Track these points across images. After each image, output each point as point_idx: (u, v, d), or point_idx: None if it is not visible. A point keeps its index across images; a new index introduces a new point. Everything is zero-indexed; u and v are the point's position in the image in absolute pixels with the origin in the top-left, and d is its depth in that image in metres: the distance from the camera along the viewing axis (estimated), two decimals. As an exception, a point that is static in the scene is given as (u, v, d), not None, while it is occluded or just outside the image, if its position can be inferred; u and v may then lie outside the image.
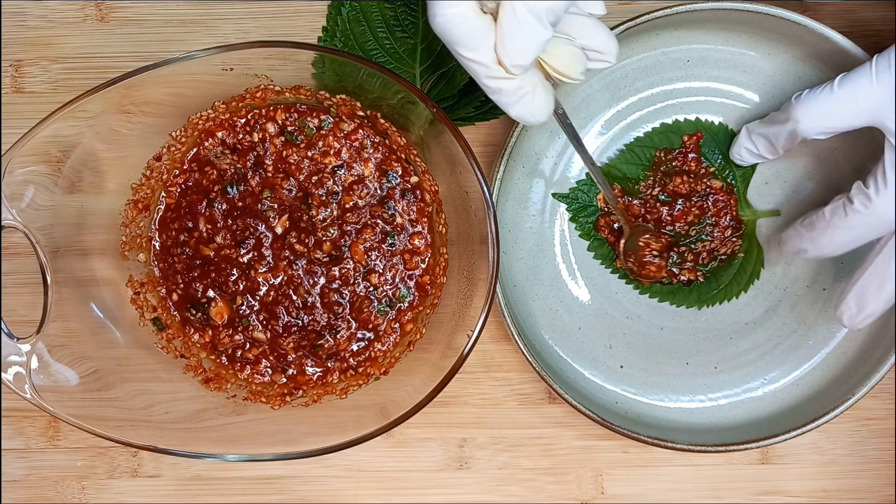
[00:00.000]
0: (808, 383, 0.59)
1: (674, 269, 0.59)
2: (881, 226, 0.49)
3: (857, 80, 0.48)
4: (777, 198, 0.59)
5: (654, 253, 0.58)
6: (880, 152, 0.49)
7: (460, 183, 0.52)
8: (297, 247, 0.56)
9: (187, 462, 0.60)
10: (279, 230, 0.56)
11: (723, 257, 0.59)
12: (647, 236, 0.58)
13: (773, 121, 0.54)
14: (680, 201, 0.59)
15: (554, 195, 0.59)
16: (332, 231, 0.56)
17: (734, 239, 0.59)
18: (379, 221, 0.56)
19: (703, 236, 0.59)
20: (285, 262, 0.56)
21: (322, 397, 0.56)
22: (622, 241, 0.59)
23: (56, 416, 0.49)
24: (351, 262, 0.56)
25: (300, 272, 0.56)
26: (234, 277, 0.56)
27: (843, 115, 0.49)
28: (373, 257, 0.56)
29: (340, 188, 0.56)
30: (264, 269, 0.56)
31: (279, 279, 0.56)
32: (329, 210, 0.56)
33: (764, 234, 0.59)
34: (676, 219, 0.59)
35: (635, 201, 0.59)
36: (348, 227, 0.56)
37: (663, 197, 0.59)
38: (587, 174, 0.59)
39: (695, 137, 0.59)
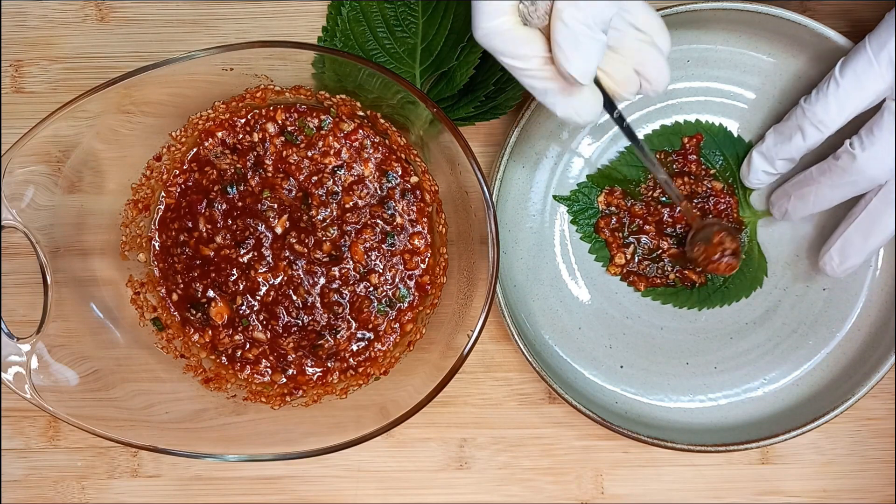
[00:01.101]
0: (808, 383, 0.59)
1: (680, 269, 0.59)
2: (864, 182, 0.51)
3: (857, 64, 0.50)
4: (777, 198, 0.59)
5: (729, 251, 0.56)
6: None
7: (460, 183, 0.52)
8: (297, 247, 0.56)
9: (187, 462, 0.60)
10: (279, 230, 0.56)
11: None
12: (722, 234, 0.56)
13: (788, 136, 0.54)
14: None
15: (555, 197, 0.59)
16: (332, 231, 0.56)
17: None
18: (379, 221, 0.56)
19: None
20: (285, 263, 0.56)
21: (322, 397, 0.56)
22: (690, 235, 0.58)
23: (56, 416, 0.50)
24: (351, 262, 0.56)
25: (300, 272, 0.56)
26: (234, 277, 0.56)
27: (856, 101, 0.51)
28: (373, 257, 0.56)
29: (340, 188, 0.56)
30: (264, 269, 0.56)
31: (279, 279, 0.56)
32: (329, 210, 0.56)
33: (763, 240, 0.59)
34: (678, 220, 0.59)
35: (637, 204, 0.59)
36: (348, 227, 0.56)
37: (664, 199, 0.59)
38: (588, 176, 0.59)
39: (695, 139, 0.59)
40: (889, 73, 0.49)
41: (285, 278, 0.56)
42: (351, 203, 0.56)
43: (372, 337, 0.56)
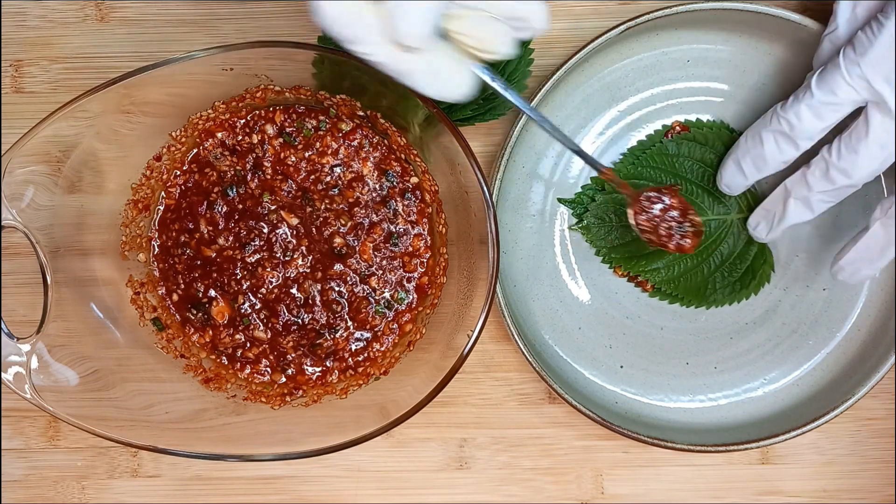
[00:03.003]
0: (808, 383, 0.59)
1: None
2: (843, 191, 0.51)
3: (832, 78, 0.48)
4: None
5: (675, 212, 0.52)
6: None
7: (460, 183, 0.52)
8: (298, 245, 0.56)
9: (187, 462, 0.60)
10: (283, 228, 0.56)
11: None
12: (653, 195, 0.52)
13: (760, 141, 0.52)
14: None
15: (559, 200, 0.59)
16: (341, 226, 0.56)
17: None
18: (384, 222, 0.56)
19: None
20: (286, 261, 0.56)
21: (322, 397, 0.56)
22: (629, 213, 0.53)
23: (56, 416, 0.50)
24: (356, 261, 0.56)
25: (304, 269, 0.56)
26: (238, 276, 0.56)
27: (831, 113, 0.49)
28: (374, 257, 0.56)
29: (340, 188, 0.56)
30: (266, 268, 0.56)
31: (281, 277, 0.56)
32: (333, 208, 0.56)
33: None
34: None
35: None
36: (356, 227, 0.56)
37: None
38: (591, 177, 0.59)
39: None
40: (860, 88, 0.48)
41: (287, 276, 0.56)
42: (352, 199, 0.56)
43: (370, 337, 0.56)
